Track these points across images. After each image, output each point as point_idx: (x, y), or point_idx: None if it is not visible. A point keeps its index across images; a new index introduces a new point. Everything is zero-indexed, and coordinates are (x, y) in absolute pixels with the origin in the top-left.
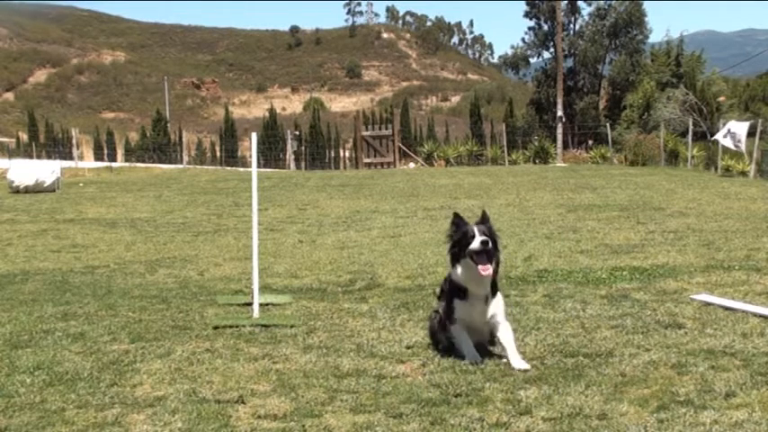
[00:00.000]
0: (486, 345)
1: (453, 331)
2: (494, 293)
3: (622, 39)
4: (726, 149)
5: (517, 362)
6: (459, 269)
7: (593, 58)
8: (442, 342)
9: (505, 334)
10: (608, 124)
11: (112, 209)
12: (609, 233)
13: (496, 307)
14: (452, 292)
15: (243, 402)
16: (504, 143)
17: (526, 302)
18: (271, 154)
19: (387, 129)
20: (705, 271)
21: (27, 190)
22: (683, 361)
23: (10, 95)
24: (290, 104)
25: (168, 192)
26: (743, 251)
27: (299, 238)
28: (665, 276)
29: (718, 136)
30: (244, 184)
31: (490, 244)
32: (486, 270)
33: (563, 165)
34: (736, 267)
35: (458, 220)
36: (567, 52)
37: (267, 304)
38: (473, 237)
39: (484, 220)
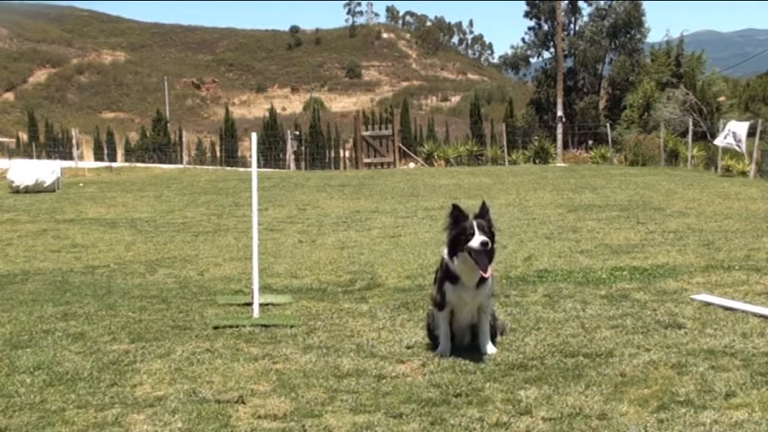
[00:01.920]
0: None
1: (437, 317)
2: (483, 280)
3: (622, 39)
4: (726, 149)
5: (484, 347)
6: (455, 261)
7: (592, 58)
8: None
9: (483, 319)
10: (608, 124)
11: (112, 209)
12: (609, 233)
13: (484, 293)
14: (445, 276)
15: (243, 402)
16: (504, 143)
17: (526, 302)
18: (271, 154)
19: (387, 129)
20: (705, 271)
21: (27, 190)
22: (683, 361)
23: (10, 95)
24: (290, 104)
25: (168, 192)
26: (743, 251)
27: (299, 238)
28: (665, 276)
29: (719, 140)
30: (244, 184)
31: (490, 245)
32: (488, 273)
33: (563, 165)
34: (736, 267)
35: (456, 212)
36: (567, 52)
37: (267, 304)
38: (472, 234)
39: (483, 212)
